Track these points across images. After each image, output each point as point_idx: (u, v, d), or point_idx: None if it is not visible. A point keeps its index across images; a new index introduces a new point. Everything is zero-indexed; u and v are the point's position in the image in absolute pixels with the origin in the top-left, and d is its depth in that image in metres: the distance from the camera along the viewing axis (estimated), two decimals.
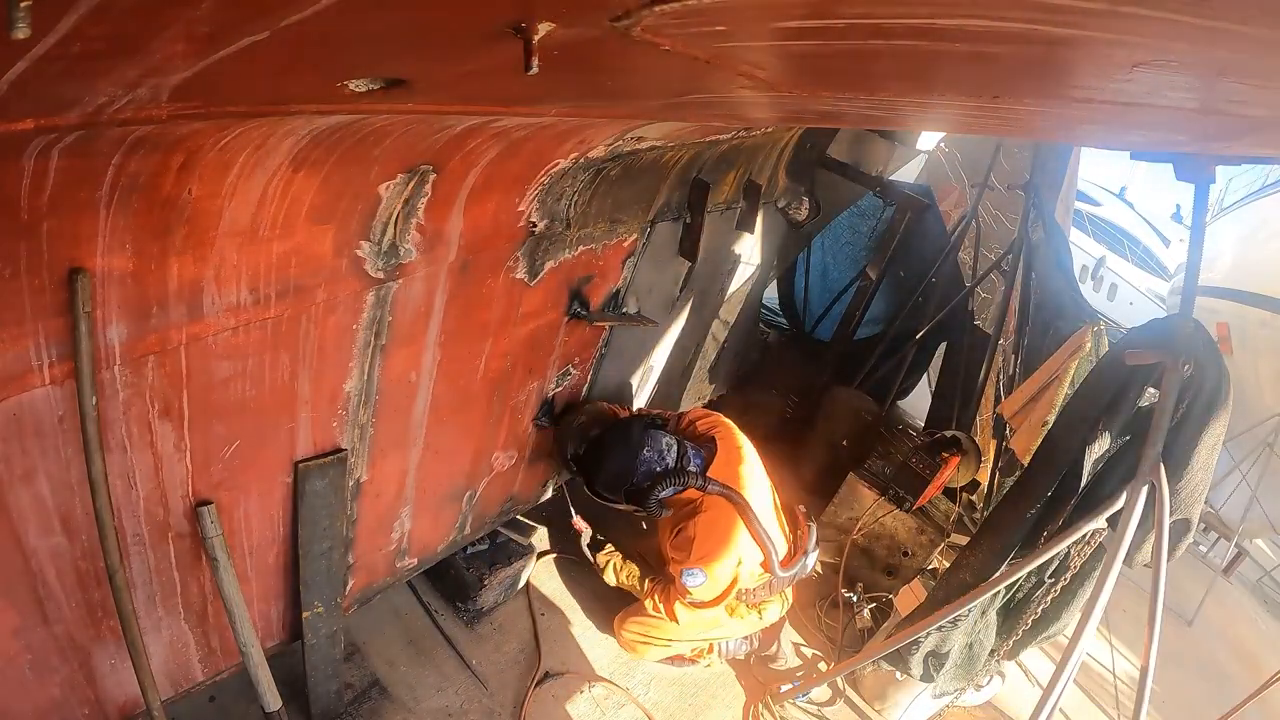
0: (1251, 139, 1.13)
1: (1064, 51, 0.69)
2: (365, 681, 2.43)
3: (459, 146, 1.48)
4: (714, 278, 3.37)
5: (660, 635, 2.78)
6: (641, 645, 2.82)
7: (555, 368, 2.56)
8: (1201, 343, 1.94)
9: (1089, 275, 9.97)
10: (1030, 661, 3.65)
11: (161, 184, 1.12)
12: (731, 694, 2.95)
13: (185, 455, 1.49)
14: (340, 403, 1.77)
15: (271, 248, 1.37)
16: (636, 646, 2.84)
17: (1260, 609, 6.02)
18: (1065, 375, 2.92)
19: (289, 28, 0.61)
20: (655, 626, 2.78)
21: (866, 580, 3.62)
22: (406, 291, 1.73)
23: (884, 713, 3.05)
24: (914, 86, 0.96)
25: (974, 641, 2.59)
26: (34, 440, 1.23)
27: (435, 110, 1.20)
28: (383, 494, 2.10)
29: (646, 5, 0.59)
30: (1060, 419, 2.36)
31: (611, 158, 1.93)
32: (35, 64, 0.61)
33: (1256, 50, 0.59)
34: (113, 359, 1.25)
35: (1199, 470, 1.96)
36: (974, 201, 4.23)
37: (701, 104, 1.24)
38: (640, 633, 2.81)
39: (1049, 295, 3.41)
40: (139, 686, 1.51)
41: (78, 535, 1.38)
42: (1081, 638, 1.98)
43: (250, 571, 1.83)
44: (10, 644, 1.41)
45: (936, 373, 4.96)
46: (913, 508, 3.47)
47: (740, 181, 2.87)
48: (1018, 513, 2.31)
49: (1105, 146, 2.45)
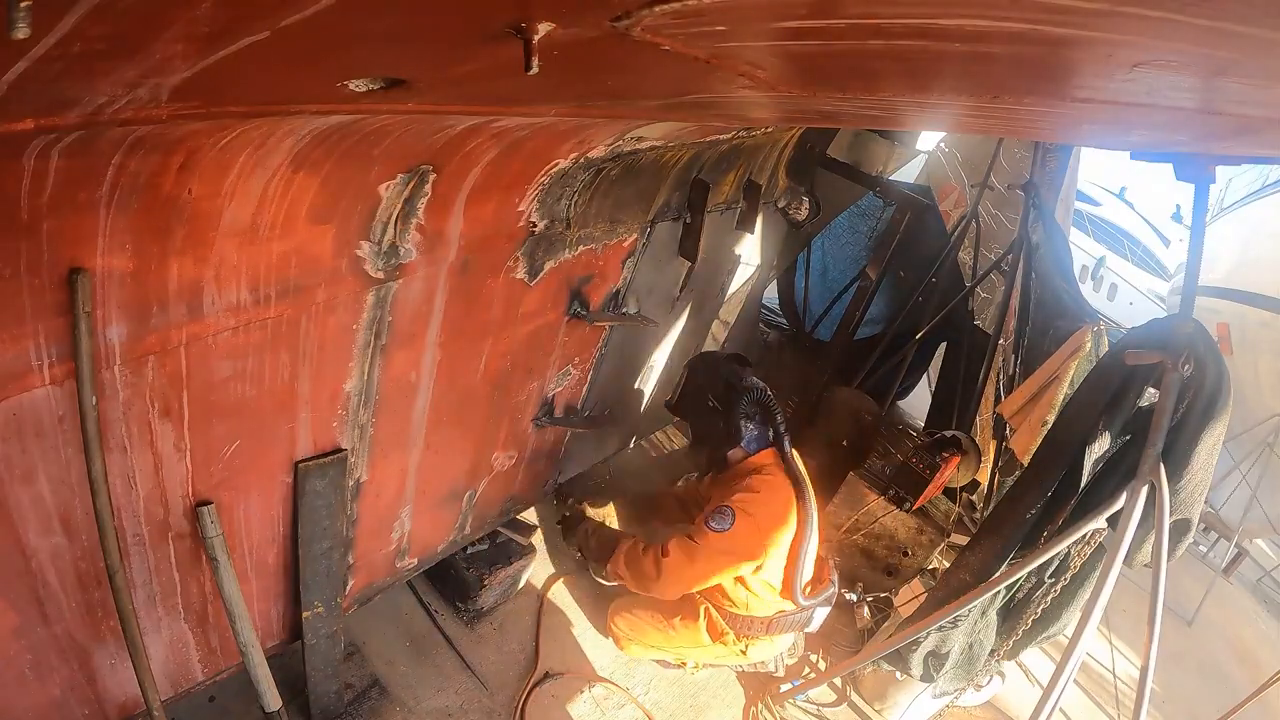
0: (1251, 139, 1.13)
1: (1064, 51, 0.69)
2: (365, 681, 2.43)
3: (459, 146, 1.48)
4: (714, 278, 3.37)
5: (645, 640, 2.74)
6: (626, 641, 2.79)
7: (555, 368, 2.56)
8: (1201, 343, 1.93)
9: (1089, 275, 9.96)
10: (1030, 661, 3.65)
11: (161, 184, 1.12)
12: (732, 694, 2.95)
13: (185, 455, 1.49)
14: (340, 403, 1.77)
15: (271, 248, 1.37)
16: (621, 641, 2.81)
17: (1260, 609, 6.03)
18: (1065, 375, 2.92)
19: (289, 28, 0.60)
20: (643, 631, 2.72)
21: (866, 580, 3.62)
22: (406, 291, 1.73)
23: (884, 713, 3.05)
24: (914, 86, 0.96)
25: (974, 641, 2.58)
26: (34, 440, 1.23)
27: (435, 110, 1.20)
28: (383, 494, 2.10)
29: (646, 5, 0.59)
30: (1060, 419, 2.36)
31: (611, 158, 1.93)
32: (35, 64, 0.61)
33: (1256, 50, 0.59)
34: (113, 359, 1.25)
35: (1199, 470, 1.95)
36: (974, 201, 4.23)
37: (701, 104, 1.24)
38: (628, 630, 2.77)
39: (1049, 295, 3.41)
40: (139, 686, 1.51)
41: (78, 535, 1.38)
42: (1081, 638, 1.98)
43: (250, 571, 1.83)
44: (10, 644, 1.41)
45: (936, 373, 4.96)
46: (913, 508, 3.47)
47: (740, 181, 2.87)
48: (1018, 513, 2.31)
49: (1105, 146, 2.45)
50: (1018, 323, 3.75)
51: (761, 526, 2.36)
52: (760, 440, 2.53)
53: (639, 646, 2.78)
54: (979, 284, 4.27)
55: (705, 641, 2.63)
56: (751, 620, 2.53)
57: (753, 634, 2.56)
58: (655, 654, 2.81)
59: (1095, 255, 10.18)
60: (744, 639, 2.59)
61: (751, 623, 2.53)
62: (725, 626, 2.56)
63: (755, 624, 2.53)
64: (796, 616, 2.54)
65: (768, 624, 2.54)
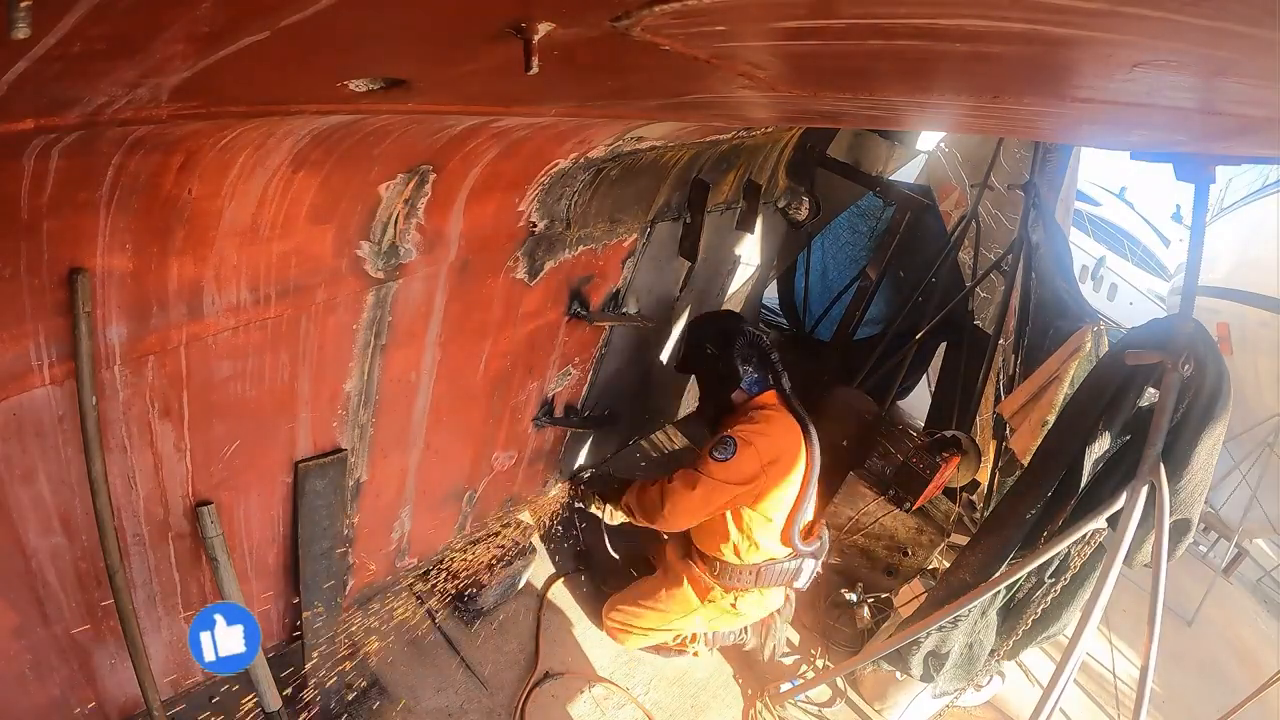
0: (1251, 139, 1.13)
1: (1064, 51, 0.69)
2: (365, 681, 2.43)
3: (459, 146, 1.48)
4: (714, 278, 3.37)
5: (640, 625, 2.76)
6: (621, 633, 2.81)
7: (555, 368, 2.56)
8: (1201, 343, 1.94)
9: (1089, 275, 9.96)
10: (1030, 661, 3.65)
11: (161, 184, 1.12)
12: (732, 694, 2.95)
13: (185, 455, 1.49)
14: (340, 403, 1.77)
15: (271, 248, 1.37)
16: (617, 634, 2.82)
17: (1260, 609, 6.02)
18: (1065, 375, 2.92)
19: (289, 27, 0.60)
20: (636, 616, 2.75)
21: (866, 580, 3.62)
22: (406, 291, 1.73)
23: (884, 713, 3.05)
24: (914, 86, 0.96)
25: (974, 641, 2.58)
26: (34, 440, 1.23)
27: (435, 110, 1.20)
28: (383, 494, 2.10)
29: (646, 5, 0.59)
30: (1060, 419, 2.36)
31: (611, 158, 1.93)
32: (35, 64, 0.61)
33: (1256, 50, 0.59)
34: (113, 359, 1.25)
35: (1199, 470, 1.96)
36: (974, 201, 4.23)
37: (701, 104, 1.24)
38: (622, 621, 2.79)
39: (1049, 295, 3.41)
40: (139, 686, 1.51)
41: (78, 535, 1.38)
42: (1081, 638, 1.98)
43: (250, 571, 1.83)
44: (10, 644, 1.41)
45: (936, 373, 4.96)
46: (913, 508, 3.47)
47: (740, 181, 2.87)
48: (1018, 513, 2.31)
49: (1105, 146, 2.45)
50: (1018, 323, 3.75)
51: (763, 453, 2.38)
52: (761, 383, 2.58)
53: (636, 635, 2.80)
54: (979, 284, 4.27)
55: (695, 604, 2.64)
56: (740, 569, 2.52)
57: (741, 584, 2.55)
58: (654, 638, 2.83)
59: (1095, 255, 10.18)
60: (732, 592, 2.59)
61: (740, 572, 2.52)
62: (710, 581, 2.57)
63: (744, 573, 2.53)
64: (785, 566, 2.54)
65: (756, 573, 2.53)
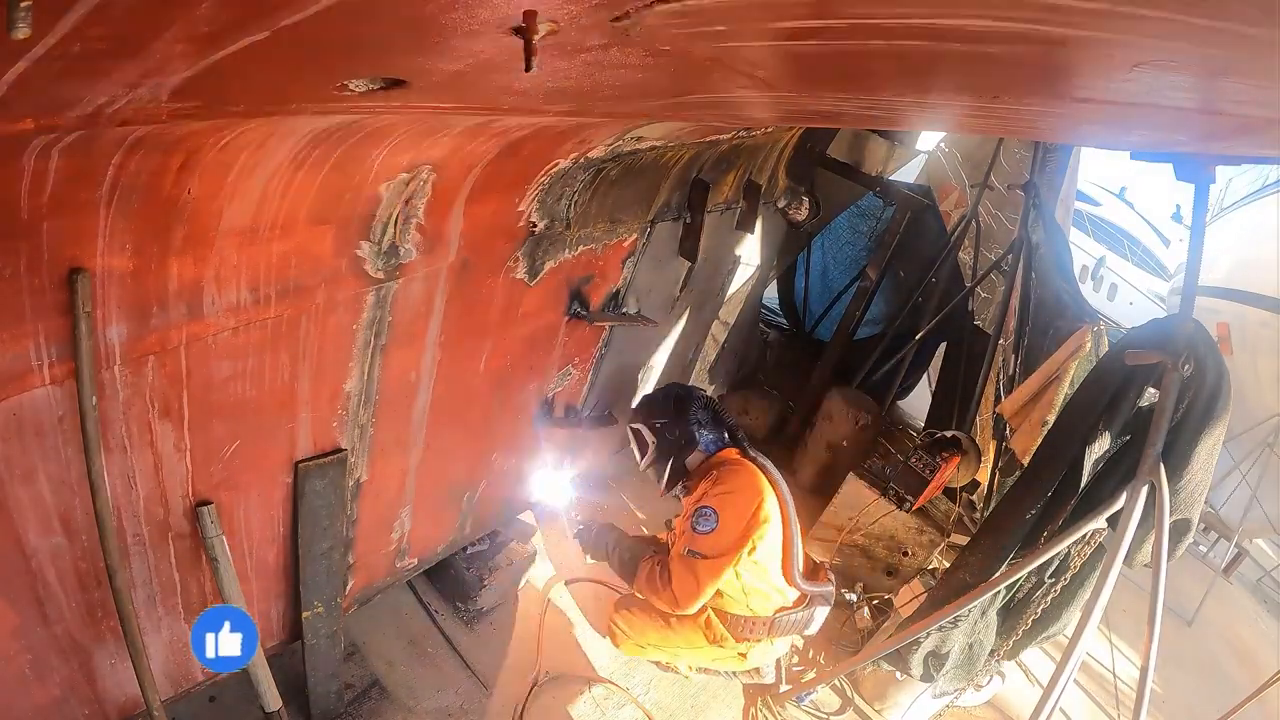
0: (1251, 139, 1.13)
1: (1064, 51, 0.69)
2: (365, 681, 2.43)
3: (459, 146, 1.48)
4: (714, 278, 3.37)
5: (642, 638, 2.70)
6: (622, 638, 2.76)
7: (555, 368, 2.56)
8: (1201, 343, 1.94)
9: (1089, 275, 9.97)
10: (1030, 661, 3.65)
11: (161, 184, 1.12)
12: (732, 694, 2.95)
13: (185, 455, 1.49)
14: (340, 403, 1.77)
15: (271, 248, 1.37)
16: (619, 638, 2.77)
17: (1260, 609, 6.02)
18: (1065, 375, 2.92)
19: (288, 28, 0.61)
20: (642, 631, 2.69)
21: (866, 580, 3.62)
22: (406, 291, 1.73)
23: (884, 713, 3.05)
24: (914, 86, 0.96)
25: (974, 641, 2.58)
26: (34, 440, 1.23)
27: (435, 110, 1.20)
28: (383, 494, 2.10)
29: (646, 5, 0.59)
30: (1060, 419, 2.36)
31: (611, 158, 1.93)
32: (35, 64, 0.61)
33: (1256, 50, 0.59)
34: (113, 359, 1.25)
35: (1199, 470, 1.96)
36: (974, 201, 4.23)
37: (701, 104, 1.24)
38: (625, 628, 2.74)
39: (1049, 295, 3.41)
40: (139, 686, 1.51)
41: (78, 535, 1.38)
42: (1081, 638, 1.98)
43: (250, 571, 1.83)
44: (10, 644, 1.41)
45: (936, 373, 4.96)
46: (913, 508, 3.47)
47: (740, 181, 2.87)
48: (1018, 513, 2.31)
49: (1105, 146, 2.45)
50: (1018, 323, 3.75)
51: (740, 507, 2.36)
52: (717, 442, 2.57)
53: (635, 645, 2.75)
54: (979, 284, 4.27)
55: (702, 643, 2.60)
56: (754, 621, 2.50)
57: (753, 635, 2.53)
58: (651, 654, 2.79)
59: (1095, 255, 10.19)
60: (744, 641, 2.55)
61: (753, 624, 2.50)
62: (724, 632, 2.53)
63: (756, 625, 2.50)
64: (796, 616, 2.51)
65: (769, 625, 2.50)
